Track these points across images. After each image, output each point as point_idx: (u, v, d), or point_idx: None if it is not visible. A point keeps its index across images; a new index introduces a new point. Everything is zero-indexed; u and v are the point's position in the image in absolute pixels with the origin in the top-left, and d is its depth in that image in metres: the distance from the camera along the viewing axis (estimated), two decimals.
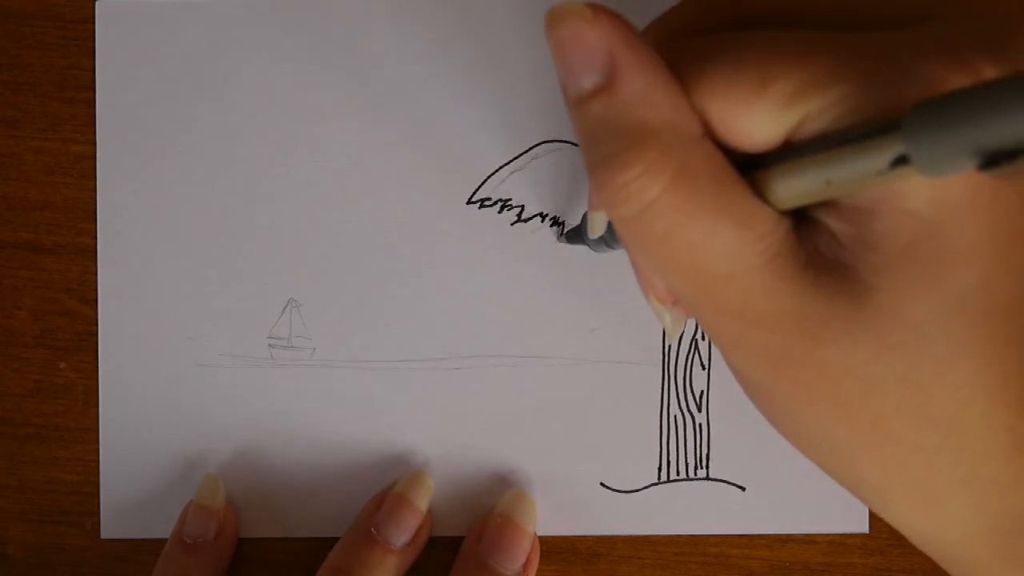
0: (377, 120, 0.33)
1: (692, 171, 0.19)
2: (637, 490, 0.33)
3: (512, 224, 0.33)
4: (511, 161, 0.33)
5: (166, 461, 0.33)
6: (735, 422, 0.33)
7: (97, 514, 0.33)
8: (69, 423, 0.33)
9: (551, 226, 0.33)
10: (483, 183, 0.33)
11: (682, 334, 0.33)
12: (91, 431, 0.33)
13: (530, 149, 0.33)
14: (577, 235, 0.32)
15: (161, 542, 0.32)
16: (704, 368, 0.33)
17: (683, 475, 0.33)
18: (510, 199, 0.33)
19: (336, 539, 0.32)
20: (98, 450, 0.33)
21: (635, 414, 0.33)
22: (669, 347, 0.33)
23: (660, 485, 0.33)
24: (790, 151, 0.20)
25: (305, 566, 0.33)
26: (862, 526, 0.33)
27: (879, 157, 0.17)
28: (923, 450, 0.20)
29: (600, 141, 0.20)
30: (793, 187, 0.19)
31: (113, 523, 0.33)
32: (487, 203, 0.33)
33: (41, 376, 0.33)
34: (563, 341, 0.33)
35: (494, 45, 0.33)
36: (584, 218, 0.31)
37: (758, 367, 0.21)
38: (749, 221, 0.20)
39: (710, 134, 0.20)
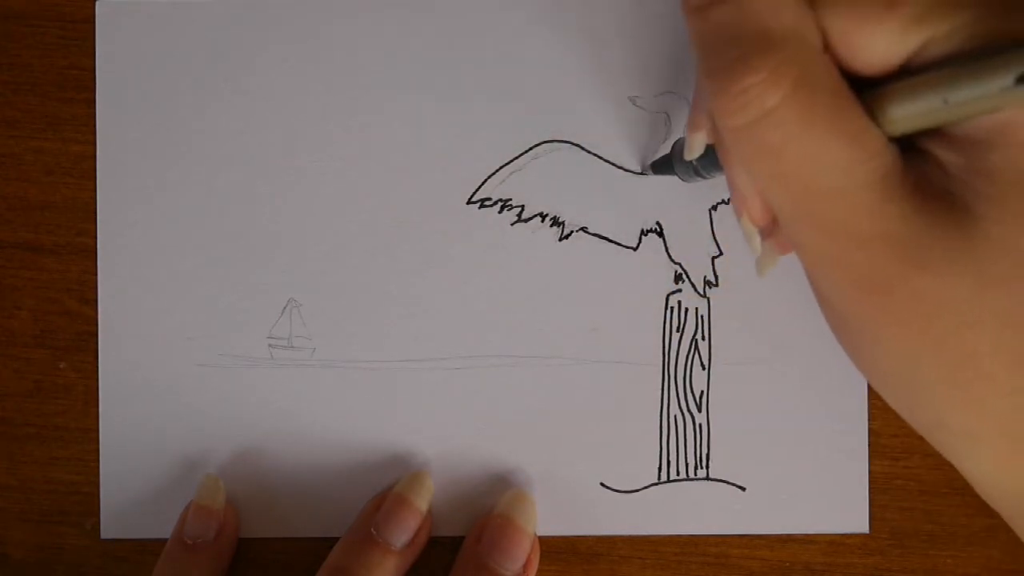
0: (377, 120, 0.33)
1: (812, 82, 0.19)
2: (637, 490, 0.33)
3: (512, 224, 0.33)
4: (511, 161, 0.33)
5: (166, 461, 0.33)
6: (735, 422, 0.33)
7: (97, 514, 0.33)
8: (69, 423, 0.33)
9: (551, 226, 0.33)
10: (483, 183, 0.33)
11: (683, 330, 0.33)
12: (91, 431, 0.33)
13: (530, 149, 0.33)
14: (665, 164, 0.31)
15: (161, 542, 0.32)
16: (704, 368, 0.33)
17: (683, 475, 0.33)
18: (510, 199, 0.33)
19: (336, 539, 0.32)
20: (98, 450, 0.33)
21: (635, 414, 0.33)
22: (669, 347, 0.33)
23: (660, 485, 0.33)
24: (907, 73, 0.20)
25: (305, 566, 0.33)
26: (862, 526, 0.33)
27: (1004, 74, 0.18)
28: (1016, 392, 0.20)
29: (721, 48, 0.20)
30: (909, 108, 0.19)
31: (113, 523, 0.33)
32: (487, 203, 0.33)
33: (41, 376, 0.33)
34: (563, 341, 0.33)
35: (495, 45, 0.33)
36: (674, 146, 0.30)
37: (851, 293, 0.21)
38: (862, 138, 0.20)
39: (828, 52, 0.20)
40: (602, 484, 0.33)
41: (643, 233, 0.33)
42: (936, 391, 0.21)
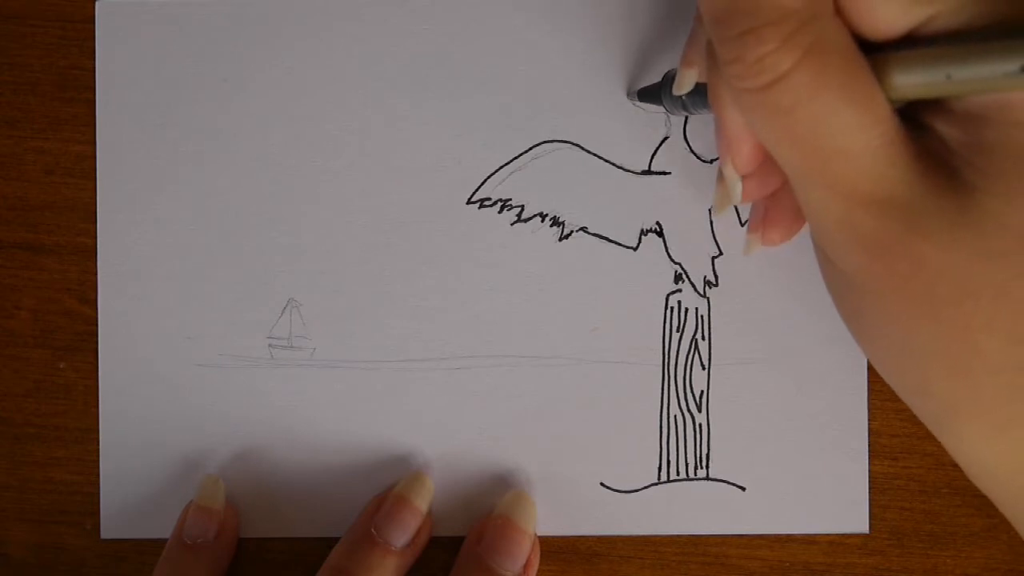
0: (377, 120, 0.33)
1: (824, 48, 0.20)
2: (637, 490, 0.33)
3: (512, 224, 0.33)
4: (511, 161, 0.33)
5: (166, 461, 0.33)
6: (735, 422, 0.33)
7: (97, 514, 0.33)
8: (69, 423, 0.33)
9: (551, 226, 0.33)
10: (483, 183, 0.33)
11: (683, 330, 0.33)
12: (91, 431, 0.33)
13: (530, 149, 0.33)
14: (652, 93, 0.31)
15: (161, 542, 0.32)
16: (704, 368, 0.33)
17: (683, 475, 0.33)
18: (510, 199, 0.33)
19: (336, 539, 0.32)
20: (98, 450, 0.33)
21: (635, 414, 0.33)
22: (669, 347, 0.33)
23: (660, 485, 0.33)
24: (912, 43, 0.20)
25: (305, 566, 0.33)
26: (862, 526, 0.33)
27: (1010, 59, 0.18)
28: (1003, 370, 0.20)
29: (736, 15, 0.20)
30: (911, 78, 0.20)
31: (113, 523, 0.33)
32: (487, 203, 0.33)
33: (41, 376, 0.33)
34: (563, 341, 0.33)
35: (495, 45, 0.33)
36: (664, 76, 0.30)
37: (856, 252, 0.21)
38: (870, 104, 0.20)
39: (839, 14, 0.20)
40: (602, 484, 0.33)
41: (643, 233, 0.33)
42: (926, 361, 0.21)
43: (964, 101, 0.20)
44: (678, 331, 0.33)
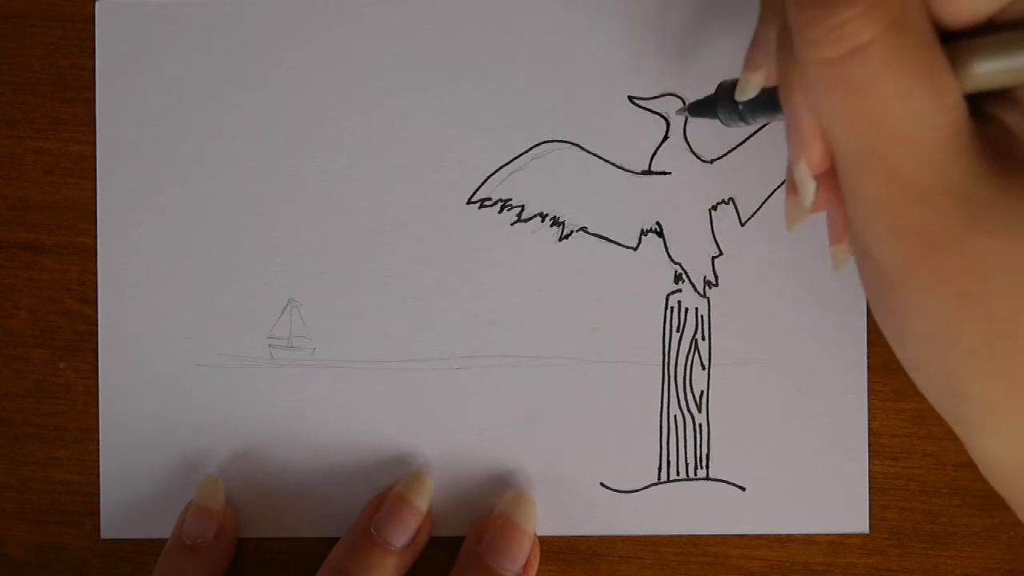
0: (377, 120, 0.33)
1: (906, 26, 0.20)
2: (637, 490, 0.33)
3: (512, 224, 0.33)
4: (511, 161, 0.33)
5: (166, 461, 0.33)
6: (735, 422, 0.33)
7: (97, 514, 0.33)
8: (69, 423, 0.33)
9: (551, 226, 0.33)
10: (483, 183, 0.33)
11: (683, 330, 0.33)
12: (91, 431, 0.33)
13: (530, 149, 0.33)
14: (705, 106, 0.30)
15: (161, 542, 0.32)
16: (704, 368, 0.33)
17: (683, 475, 0.33)
18: (510, 199, 0.33)
19: (336, 539, 0.32)
20: (98, 450, 0.33)
21: (635, 414, 0.33)
22: (669, 347, 0.33)
23: (660, 485, 0.33)
24: (991, 29, 0.20)
25: (305, 566, 0.33)
26: (862, 526, 0.33)
27: None
28: None
29: None
30: (995, 63, 0.19)
31: (113, 523, 0.33)
32: (487, 203, 0.33)
33: (41, 376, 0.33)
34: (563, 341, 0.33)
35: (495, 45, 0.33)
36: (719, 87, 0.29)
37: (905, 245, 0.21)
38: (944, 90, 0.20)
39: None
40: (602, 484, 0.33)
41: (643, 233, 0.33)
42: (967, 358, 0.21)
43: None
44: (678, 331, 0.33)
